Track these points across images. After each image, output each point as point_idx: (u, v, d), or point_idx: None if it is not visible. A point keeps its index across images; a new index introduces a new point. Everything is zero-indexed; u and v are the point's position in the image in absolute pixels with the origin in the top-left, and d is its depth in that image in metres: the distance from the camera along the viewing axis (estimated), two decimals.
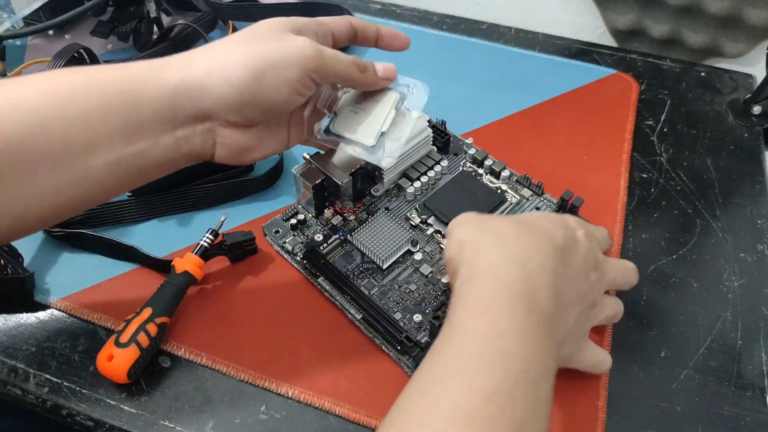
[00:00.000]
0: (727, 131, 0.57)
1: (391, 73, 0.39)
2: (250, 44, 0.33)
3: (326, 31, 0.37)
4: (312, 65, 0.33)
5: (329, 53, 0.35)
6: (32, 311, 0.42)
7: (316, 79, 0.34)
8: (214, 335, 0.40)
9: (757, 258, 0.46)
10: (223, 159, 0.35)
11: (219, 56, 0.32)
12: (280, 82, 0.33)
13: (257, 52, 0.32)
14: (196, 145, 0.33)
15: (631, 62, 0.64)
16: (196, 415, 0.37)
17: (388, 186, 0.47)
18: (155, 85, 0.31)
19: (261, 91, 0.32)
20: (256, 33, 0.34)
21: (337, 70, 0.35)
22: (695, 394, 0.39)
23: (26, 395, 0.38)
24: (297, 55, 0.33)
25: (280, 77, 0.32)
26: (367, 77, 0.37)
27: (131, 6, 0.62)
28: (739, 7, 0.61)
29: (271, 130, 0.37)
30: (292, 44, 0.33)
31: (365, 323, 0.40)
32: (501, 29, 0.68)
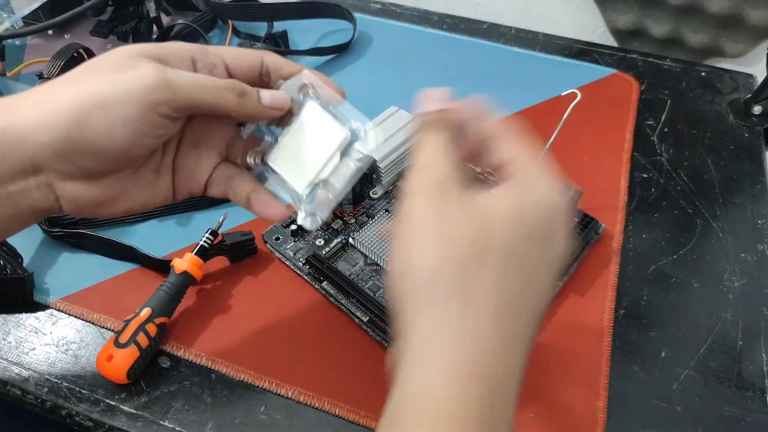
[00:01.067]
0: (728, 131, 0.57)
1: (280, 102, 0.32)
2: (81, 81, 0.28)
3: (215, 62, 0.31)
4: (157, 97, 0.27)
5: (183, 79, 0.28)
6: (32, 311, 0.42)
7: (168, 113, 0.28)
8: (213, 335, 0.40)
9: (758, 258, 0.46)
10: (74, 214, 0.30)
11: (42, 98, 0.27)
12: (114, 124, 0.27)
13: (85, 89, 0.27)
14: (37, 200, 0.28)
15: (632, 62, 0.64)
16: (196, 415, 0.37)
17: (386, 188, 0.47)
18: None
19: (87, 137, 0.27)
20: (98, 65, 0.29)
21: (200, 98, 0.29)
22: (695, 394, 0.39)
23: (26, 395, 0.38)
24: (132, 88, 0.27)
25: (113, 118, 0.27)
26: (247, 104, 0.31)
27: (131, 6, 0.61)
28: (740, 7, 0.61)
29: (138, 180, 0.31)
30: (129, 75, 0.27)
31: (372, 326, 0.40)
32: (501, 29, 0.68)
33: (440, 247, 0.24)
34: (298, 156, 0.32)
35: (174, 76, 0.28)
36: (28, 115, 0.27)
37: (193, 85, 0.29)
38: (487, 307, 0.23)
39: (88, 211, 0.30)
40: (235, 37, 0.64)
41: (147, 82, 0.27)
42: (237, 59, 0.32)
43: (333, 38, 0.66)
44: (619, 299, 0.43)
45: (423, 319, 0.23)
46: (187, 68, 0.30)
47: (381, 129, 0.31)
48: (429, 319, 0.23)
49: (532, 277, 0.25)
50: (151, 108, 0.28)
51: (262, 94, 0.32)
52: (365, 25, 0.67)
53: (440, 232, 0.24)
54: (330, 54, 0.63)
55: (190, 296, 0.42)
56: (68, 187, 0.28)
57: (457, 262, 0.23)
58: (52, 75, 0.49)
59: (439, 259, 0.24)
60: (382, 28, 0.68)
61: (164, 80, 0.28)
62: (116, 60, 0.28)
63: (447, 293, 0.23)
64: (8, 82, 0.59)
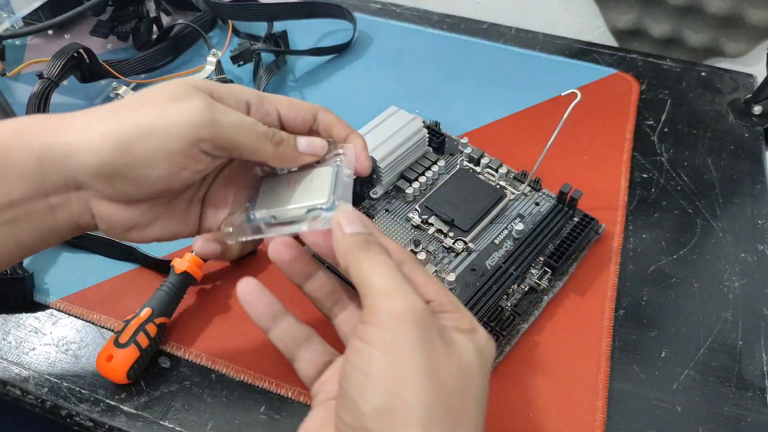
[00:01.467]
0: (728, 131, 0.57)
1: (316, 148, 0.32)
2: (131, 109, 0.28)
3: (269, 110, 0.31)
4: (201, 134, 0.28)
5: (229, 120, 0.29)
6: (31, 311, 0.42)
7: (209, 150, 0.29)
8: (213, 335, 0.40)
9: (758, 258, 0.46)
10: (106, 233, 0.31)
11: (93, 120, 0.28)
12: (155, 155, 0.28)
13: (134, 116, 0.28)
14: (75, 215, 0.29)
15: (632, 62, 0.64)
16: (196, 415, 0.37)
17: (386, 188, 0.47)
18: (21, 150, 0.27)
19: (129, 163, 0.27)
20: (152, 93, 0.29)
21: (241, 141, 0.29)
22: (696, 394, 0.39)
23: (26, 395, 0.38)
24: (181, 122, 0.27)
25: (155, 148, 0.27)
26: (283, 152, 0.31)
27: (131, 6, 0.61)
28: (740, 7, 0.60)
29: (171, 209, 0.32)
30: (179, 108, 0.28)
31: None
32: (501, 29, 0.68)
33: (431, 390, 0.23)
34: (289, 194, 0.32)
35: (220, 115, 0.29)
36: (77, 135, 0.28)
37: (235, 127, 0.29)
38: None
39: (119, 233, 0.31)
40: (234, 36, 0.65)
41: (193, 117, 0.28)
42: (291, 111, 0.32)
43: (333, 38, 0.66)
44: (619, 299, 0.43)
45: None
46: (240, 110, 0.30)
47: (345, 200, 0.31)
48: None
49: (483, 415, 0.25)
50: (194, 143, 0.28)
51: (299, 141, 0.32)
52: (365, 25, 0.67)
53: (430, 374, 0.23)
54: (330, 54, 0.63)
55: (190, 296, 0.42)
56: (104, 208, 0.29)
57: (444, 409, 0.23)
58: (52, 75, 0.49)
59: (432, 402, 0.23)
60: (382, 28, 0.68)
61: (210, 118, 0.28)
62: (170, 90, 0.29)
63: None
64: (8, 82, 0.59)
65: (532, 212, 0.46)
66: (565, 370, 0.39)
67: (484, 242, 0.44)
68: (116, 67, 0.56)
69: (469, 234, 0.44)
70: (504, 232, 0.45)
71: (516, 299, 0.41)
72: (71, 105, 0.58)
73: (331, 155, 0.33)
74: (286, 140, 0.31)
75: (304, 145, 0.32)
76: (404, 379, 0.23)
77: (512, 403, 0.37)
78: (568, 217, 0.45)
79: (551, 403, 0.37)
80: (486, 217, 0.45)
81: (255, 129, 0.30)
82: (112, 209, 0.29)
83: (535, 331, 0.41)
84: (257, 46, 0.59)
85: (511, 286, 0.41)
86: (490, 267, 0.42)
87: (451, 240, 0.44)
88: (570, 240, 0.43)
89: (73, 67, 0.52)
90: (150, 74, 0.60)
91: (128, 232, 0.31)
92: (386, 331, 0.24)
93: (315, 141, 0.32)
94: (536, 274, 0.42)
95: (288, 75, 0.61)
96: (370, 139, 0.45)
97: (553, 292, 0.42)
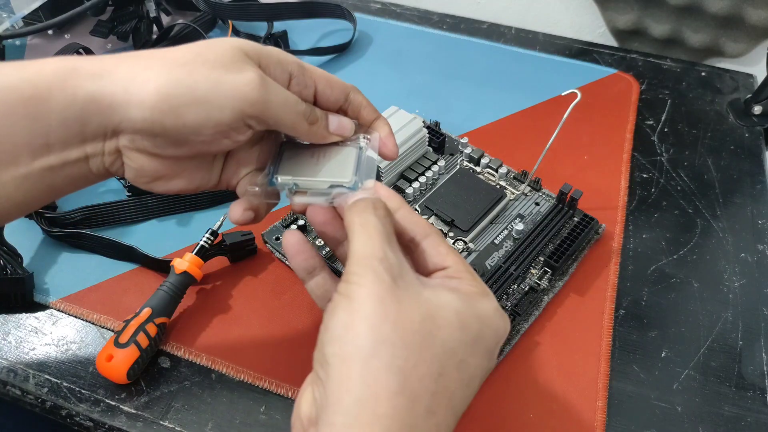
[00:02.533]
0: (728, 131, 0.57)
1: (344, 130, 0.33)
2: (185, 66, 0.28)
3: (308, 82, 0.32)
4: (251, 111, 0.28)
5: (277, 99, 0.29)
6: (31, 311, 0.42)
7: (253, 125, 0.29)
8: (213, 335, 0.40)
9: (758, 258, 0.46)
10: (132, 181, 0.31)
11: (143, 72, 0.27)
12: (205, 123, 0.28)
13: (188, 80, 0.27)
14: (106, 162, 0.29)
15: (632, 62, 0.64)
16: (196, 415, 0.37)
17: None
18: (63, 95, 0.27)
19: (176, 127, 0.27)
20: (202, 54, 0.28)
21: (282, 119, 0.30)
22: (696, 394, 0.39)
23: (26, 395, 0.38)
24: (235, 96, 0.28)
25: (207, 118, 0.27)
26: (315, 131, 0.32)
27: (131, 6, 0.61)
28: (740, 7, 0.60)
29: (197, 163, 0.32)
30: (235, 81, 0.28)
31: None
32: (501, 29, 0.68)
33: (386, 325, 0.24)
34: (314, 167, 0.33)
35: (271, 93, 0.29)
36: (124, 87, 0.27)
37: (282, 105, 0.29)
38: (421, 396, 0.24)
39: (144, 182, 0.31)
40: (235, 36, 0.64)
41: (246, 93, 0.28)
42: (327, 88, 0.33)
43: (333, 38, 0.66)
44: (619, 299, 0.43)
45: (352, 392, 0.23)
46: (283, 81, 0.31)
47: None
48: (361, 394, 0.23)
49: (467, 382, 0.26)
50: (241, 117, 0.28)
51: (330, 120, 0.33)
52: (365, 25, 0.67)
53: (388, 312, 0.25)
54: (330, 54, 0.63)
55: (190, 296, 0.42)
56: (136, 157, 0.29)
57: (399, 344, 0.24)
58: None
59: (383, 335, 0.24)
60: (382, 28, 0.68)
61: (263, 95, 0.28)
62: (223, 55, 0.28)
63: (384, 374, 0.24)
64: None
65: (532, 212, 0.46)
66: (565, 370, 0.39)
67: (484, 242, 0.44)
68: None
69: (469, 234, 0.44)
70: (504, 232, 0.45)
71: (516, 299, 0.41)
72: None
73: (355, 136, 0.34)
74: (320, 119, 0.32)
75: (335, 125, 0.33)
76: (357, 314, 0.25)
77: (512, 403, 0.37)
78: (568, 217, 0.45)
79: (551, 403, 0.37)
80: (486, 217, 0.45)
81: (297, 108, 0.30)
82: (143, 160, 0.29)
83: (535, 331, 0.41)
84: None
85: (511, 286, 0.41)
86: (490, 267, 0.42)
87: (451, 240, 0.44)
88: (570, 240, 0.43)
89: None
90: None
91: (154, 182, 0.31)
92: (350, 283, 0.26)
93: (344, 123, 0.33)
94: (536, 274, 0.42)
95: None
96: None
97: (553, 292, 0.42)
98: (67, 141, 0.28)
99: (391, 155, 0.34)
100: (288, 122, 0.30)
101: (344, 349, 0.24)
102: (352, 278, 0.26)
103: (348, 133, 0.33)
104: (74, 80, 0.27)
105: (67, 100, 0.27)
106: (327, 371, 0.25)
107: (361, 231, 0.27)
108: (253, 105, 0.28)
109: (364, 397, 0.23)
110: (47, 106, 0.27)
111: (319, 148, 0.34)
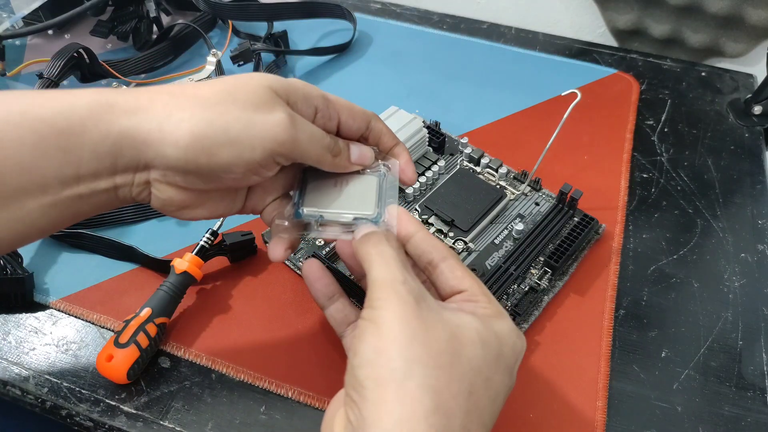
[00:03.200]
0: (728, 131, 0.57)
1: (365, 159, 0.34)
2: (217, 106, 0.28)
3: (332, 114, 0.33)
4: (281, 150, 0.29)
5: (305, 136, 0.30)
6: (31, 311, 0.42)
7: (281, 162, 0.31)
8: (213, 335, 0.40)
9: (758, 258, 0.46)
10: (157, 209, 0.32)
11: (177, 111, 0.28)
12: (237, 162, 0.29)
13: (221, 121, 0.28)
14: (133, 193, 0.30)
15: (632, 62, 0.64)
16: (196, 415, 0.37)
17: None
18: (98, 130, 0.27)
19: (210, 166, 0.28)
20: (233, 93, 0.29)
21: (309, 154, 0.31)
22: (696, 394, 0.39)
23: (26, 395, 0.38)
24: (266, 137, 0.29)
25: (238, 157, 0.28)
26: (338, 162, 0.33)
27: (131, 6, 0.61)
28: (740, 7, 0.60)
29: (223, 192, 0.33)
30: (266, 122, 0.29)
31: None
32: (501, 29, 0.68)
33: (415, 346, 0.25)
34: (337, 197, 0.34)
35: (300, 131, 0.30)
36: (159, 125, 0.28)
37: (308, 141, 0.30)
38: (456, 414, 0.25)
39: (171, 211, 0.32)
40: (235, 36, 0.65)
41: (277, 133, 0.29)
42: (350, 118, 0.34)
43: (333, 38, 0.66)
44: (619, 299, 0.43)
45: (390, 413, 0.24)
46: (309, 116, 0.32)
47: None
48: (398, 415, 0.24)
49: (494, 399, 0.27)
50: (271, 156, 0.29)
51: (352, 150, 0.34)
52: (365, 25, 0.67)
53: (416, 333, 0.25)
54: (330, 54, 0.63)
55: (190, 296, 0.42)
56: (164, 189, 0.30)
57: (429, 364, 0.25)
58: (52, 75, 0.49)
59: (414, 356, 0.25)
60: (382, 28, 0.68)
61: (293, 135, 0.29)
62: (254, 94, 0.29)
63: (418, 393, 0.24)
64: (8, 82, 0.59)
65: (532, 212, 0.46)
66: (565, 370, 0.39)
67: (484, 242, 0.44)
68: (116, 67, 0.56)
69: (469, 234, 0.44)
70: (504, 232, 0.45)
71: (516, 299, 0.41)
72: None
73: (375, 163, 0.35)
74: (343, 151, 0.33)
75: (356, 155, 0.34)
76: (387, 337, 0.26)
77: (512, 403, 0.37)
78: (568, 217, 0.45)
79: (551, 403, 0.37)
80: (486, 217, 0.45)
81: (322, 142, 0.31)
82: (172, 192, 0.30)
83: (535, 331, 0.41)
84: (257, 46, 0.59)
85: (511, 286, 0.41)
86: (490, 267, 0.42)
87: (451, 240, 0.44)
88: (570, 240, 0.43)
89: (73, 67, 0.52)
90: (150, 74, 0.60)
91: (180, 211, 0.32)
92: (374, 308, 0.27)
93: (365, 152, 0.34)
94: (536, 274, 0.42)
95: (288, 75, 0.61)
96: None
97: (553, 292, 0.42)
98: (98, 173, 0.28)
99: (410, 182, 0.36)
100: (314, 156, 0.31)
101: (378, 372, 0.25)
102: (375, 303, 0.27)
103: (368, 162, 0.35)
104: (109, 115, 0.28)
105: (101, 134, 0.27)
106: (362, 394, 0.25)
107: (379, 259, 0.29)
108: (283, 144, 0.29)
109: (402, 417, 0.24)
110: (81, 140, 0.27)
111: (342, 176, 0.35)
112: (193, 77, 0.52)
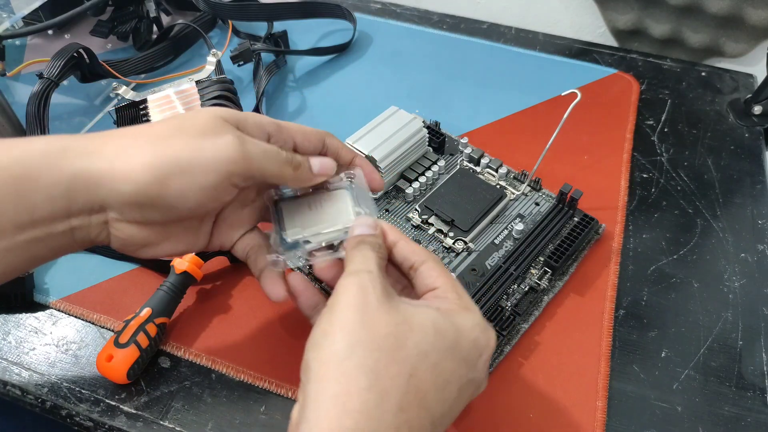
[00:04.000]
0: (728, 131, 0.57)
1: (328, 168, 0.35)
2: (167, 140, 0.29)
3: (286, 139, 0.34)
4: (234, 169, 0.30)
5: (257, 152, 0.31)
6: (31, 311, 0.42)
7: (238, 183, 0.31)
8: (213, 335, 0.40)
9: (758, 258, 0.46)
10: (119, 250, 0.32)
11: (127, 148, 0.29)
12: (191, 189, 0.29)
13: (170, 151, 0.29)
14: (91, 234, 0.30)
15: (632, 62, 0.64)
16: (196, 415, 0.37)
17: (386, 188, 0.47)
18: (51, 173, 0.28)
19: (164, 196, 0.29)
20: (183, 125, 0.30)
21: (267, 169, 0.31)
22: (696, 394, 0.39)
23: (26, 395, 0.38)
24: (216, 159, 0.29)
25: (191, 183, 0.29)
26: (300, 175, 0.33)
27: (131, 6, 0.61)
28: (740, 7, 0.60)
29: (185, 226, 0.33)
30: (214, 145, 0.29)
31: None
32: (501, 29, 0.68)
33: (360, 330, 0.26)
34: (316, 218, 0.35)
35: (250, 148, 0.30)
36: (110, 163, 0.28)
37: (263, 157, 0.31)
38: (391, 393, 0.25)
39: (133, 250, 0.32)
40: (234, 36, 0.65)
41: (227, 153, 0.29)
42: (305, 140, 0.34)
43: (333, 38, 0.66)
44: (619, 299, 0.43)
45: (328, 391, 0.25)
46: (262, 140, 0.32)
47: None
48: (333, 392, 0.25)
49: (444, 386, 0.27)
50: (227, 178, 0.30)
51: (312, 162, 0.34)
52: (365, 25, 0.67)
53: (364, 319, 0.27)
54: (330, 54, 0.63)
55: (190, 296, 0.42)
56: (123, 228, 0.30)
57: (371, 346, 0.26)
58: (52, 75, 0.49)
59: (357, 339, 0.26)
60: (382, 28, 0.68)
61: (242, 151, 0.30)
62: (201, 123, 0.30)
63: (355, 372, 0.25)
64: (8, 82, 0.59)
65: (532, 212, 0.46)
66: (565, 370, 0.39)
67: (484, 242, 0.44)
68: (116, 67, 0.56)
69: (469, 234, 0.44)
70: (504, 232, 0.45)
71: (516, 299, 0.41)
72: (71, 105, 0.58)
73: (338, 177, 0.36)
74: (303, 163, 0.34)
75: (318, 166, 0.34)
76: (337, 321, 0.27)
77: (512, 403, 0.37)
78: (568, 217, 0.45)
79: (551, 403, 0.37)
80: (486, 217, 0.45)
81: (279, 156, 0.32)
82: (132, 230, 0.30)
83: (535, 331, 0.41)
84: (257, 46, 0.59)
85: (511, 286, 0.41)
86: (490, 267, 0.42)
87: (451, 240, 0.44)
88: (570, 240, 0.43)
89: (73, 67, 0.52)
90: (150, 74, 0.60)
91: (142, 249, 0.32)
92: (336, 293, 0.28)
93: (326, 162, 0.35)
94: (536, 274, 0.42)
95: (288, 75, 0.61)
96: (370, 139, 0.45)
97: (553, 292, 0.42)
98: (53, 216, 0.28)
99: (378, 188, 0.38)
100: (273, 171, 0.32)
101: (322, 354, 0.26)
102: (338, 290, 0.28)
103: (331, 171, 0.35)
104: (63, 159, 0.28)
105: (54, 178, 0.28)
106: (307, 375, 0.26)
107: (357, 253, 0.30)
108: (235, 163, 0.29)
109: (336, 393, 0.25)
110: (35, 184, 0.27)
111: (312, 197, 0.36)
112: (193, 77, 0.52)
